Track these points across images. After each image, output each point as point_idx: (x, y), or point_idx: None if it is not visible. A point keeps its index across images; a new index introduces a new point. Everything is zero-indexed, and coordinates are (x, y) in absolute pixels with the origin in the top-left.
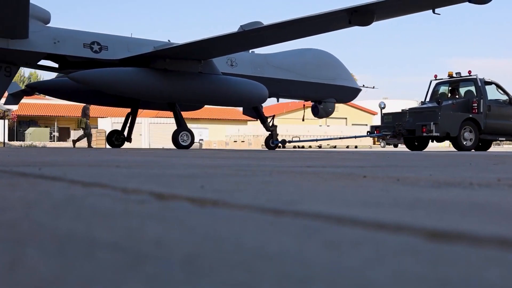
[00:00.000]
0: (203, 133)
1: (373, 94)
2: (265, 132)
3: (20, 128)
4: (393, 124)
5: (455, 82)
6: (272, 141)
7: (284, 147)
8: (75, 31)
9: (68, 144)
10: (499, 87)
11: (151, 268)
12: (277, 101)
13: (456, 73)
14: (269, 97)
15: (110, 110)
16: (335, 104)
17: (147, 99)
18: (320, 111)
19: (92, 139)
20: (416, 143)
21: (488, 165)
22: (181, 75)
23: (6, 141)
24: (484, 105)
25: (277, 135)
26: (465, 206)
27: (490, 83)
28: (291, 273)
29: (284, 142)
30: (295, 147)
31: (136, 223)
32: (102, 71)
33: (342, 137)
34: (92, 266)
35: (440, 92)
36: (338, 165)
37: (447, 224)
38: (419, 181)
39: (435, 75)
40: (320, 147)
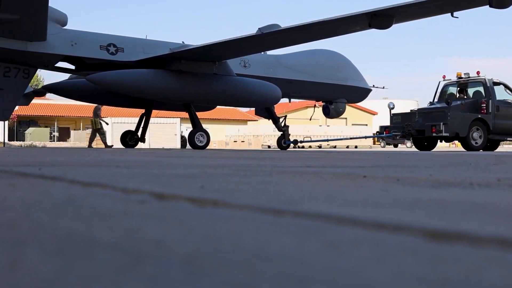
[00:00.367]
0: None
1: (373, 94)
2: (265, 132)
3: (20, 128)
4: (402, 124)
5: (463, 82)
6: (284, 141)
7: (296, 147)
8: (92, 33)
9: (68, 144)
10: (507, 87)
11: (151, 268)
12: (289, 101)
13: (464, 74)
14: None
15: (110, 110)
16: (346, 104)
17: (163, 100)
18: (331, 111)
19: (94, 139)
20: (425, 143)
21: (488, 165)
22: (196, 76)
23: (6, 141)
24: (492, 106)
25: (289, 135)
26: (465, 206)
27: (498, 83)
28: (291, 273)
29: (296, 142)
30: (295, 147)
31: (136, 223)
32: (119, 72)
33: (352, 137)
34: (92, 266)
35: (448, 92)
36: (338, 165)
37: (447, 224)
38: (419, 181)
39: (443, 76)
40: (320, 147)
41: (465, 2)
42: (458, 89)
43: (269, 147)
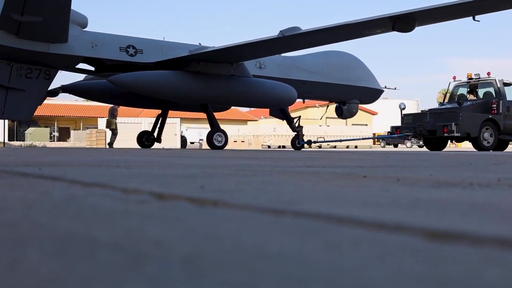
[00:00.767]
0: (203, 133)
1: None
2: (265, 132)
3: (20, 128)
4: (414, 124)
5: (473, 83)
6: (298, 141)
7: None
8: (112, 35)
9: (68, 144)
10: None
11: (151, 268)
12: (303, 102)
13: (475, 75)
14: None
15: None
16: (358, 105)
17: (182, 101)
18: (344, 112)
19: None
20: (435, 143)
21: (488, 165)
22: (215, 77)
23: (6, 141)
24: (503, 106)
25: (303, 135)
26: (465, 206)
27: (509, 84)
28: (291, 273)
29: (310, 142)
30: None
31: (136, 223)
32: (140, 74)
33: (364, 138)
34: (92, 266)
35: (458, 93)
36: (338, 165)
37: (447, 224)
38: (419, 181)
39: (454, 77)
40: (320, 147)
41: (487, 5)
42: (468, 90)
43: (269, 147)
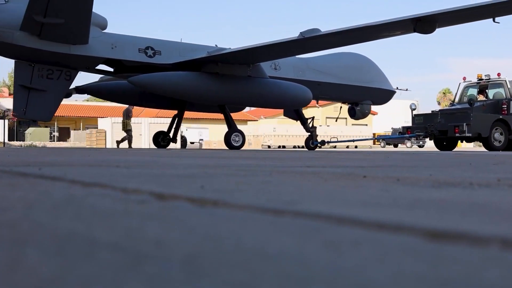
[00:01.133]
0: (203, 133)
1: None
2: (265, 132)
3: (20, 128)
4: (424, 125)
5: (484, 84)
6: (312, 142)
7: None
8: (131, 36)
9: (68, 144)
10: None
11: (151, 268)
12: (317, 103)
13: (485, 76)
14: None
15: (110, 110)
16: (371, 106)
17: (201, 102)
18: (357, 113)
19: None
20: (444, 143)
21: (488, 165)
22: (232, 78)
23: (6, 141)
24: None
25: (317, 136)
26: (465, 206)
27: None
28: (291, 273)
29: (323, 142)
30: (295, 147)
31: (136, 223)
32: (161, 75)
33: (376, 138)
34: (92, 266)
35: (468, 94)
36: (338, 165)
37: (447, 224)
38: (419, 181)
39: (464, 77)
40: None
41: (508, 7)
42: (478, 90)
43: (269, 147)
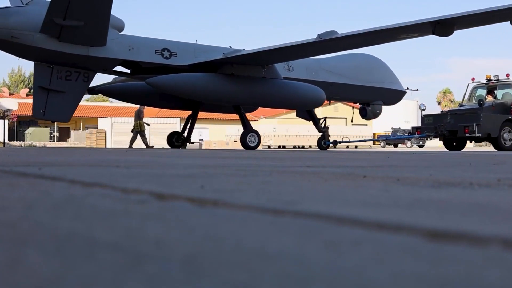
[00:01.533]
0: (203, 133)
1: None
2: (265, 132)
3: (20, 128)
4: (434, 125)
5: (492, 84)
6: (324, 142)
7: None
8: (147, 38)
9: (68, 144)
10: None
11: (151, 268)
12: (329, 103)
13: (494, 76)
14: None
15: (110, 110)
16: (382, 106)
17: (217, 102)
18: (368, 113)
19: (135, 140)
20: (454, 144)
21: (488, 165)
22: (248, 79)
23: (6, 141)
24: None
25: (329, 136)
26: (465, 206)
27: None
28: (291, 273)
29: (335, 142)
30: (294, 147)
31: (136, 223)
32: (178, 76)
33: (387, 137)
34: (92, 266)
35: (477, 94)
36: (338, 165)
37: (447, 224)
38: (419, 181)
39: (473, 78)
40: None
41: None
42: (486, 91)
43: (269, 147)
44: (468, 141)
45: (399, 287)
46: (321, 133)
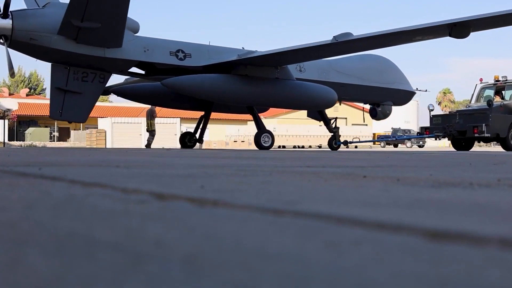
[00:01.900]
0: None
1: None
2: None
3: (20, 128)
4: (443, 125)
5: (500, 85)
6: (335, 142)
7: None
8: (162, 39)
9: (68, 144)
10: None
11: (151, 268)
12: (339, 104)
13: (502, 77)
14: None
15: (110, 110)
16: (392, 106)
17: (231, 103)
18: (378, 114)
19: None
20: (463, 144)
21: (488, 165)
22: (261, 80)
23: (6, 141)
24: None
25: (340, 136)
26: (465, 206)
27: None
28: (291, 273)
29: (346, 142)
30: (294, 147)
31: (136, 223)
32: (193, 77)
33: (396, 137)
34: (92, 266)
35: (485, 95)
36: (338, 165)
37: (447, 224)
38: (419, 181)
39: (481, 79)
40: (320, 147)
41: None
42: (494, 91)
43: None
44: (476, 141)
45: (399, 287)
46: (332, 134)
